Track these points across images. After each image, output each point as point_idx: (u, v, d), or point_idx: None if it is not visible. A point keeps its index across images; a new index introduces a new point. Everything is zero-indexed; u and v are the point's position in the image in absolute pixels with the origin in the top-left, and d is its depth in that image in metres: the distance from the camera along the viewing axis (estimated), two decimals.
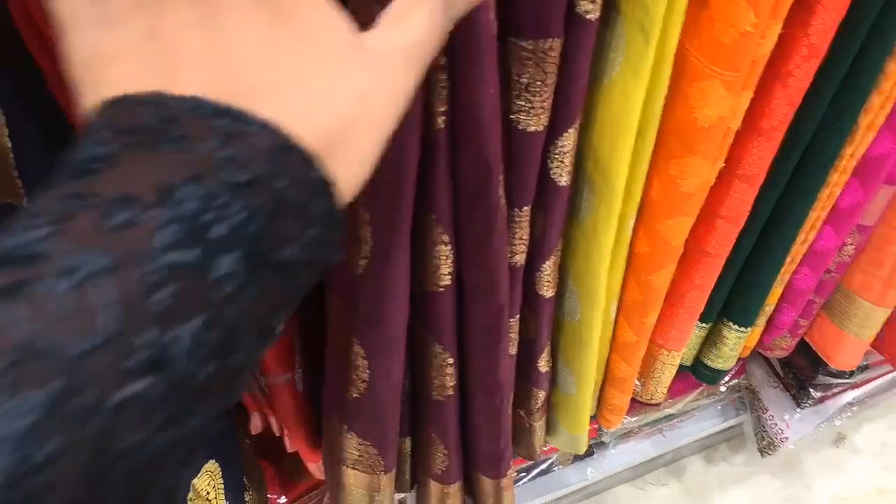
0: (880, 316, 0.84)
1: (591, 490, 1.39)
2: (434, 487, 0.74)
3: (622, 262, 0.62)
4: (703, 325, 0.80)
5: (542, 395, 0.73)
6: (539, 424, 0.78)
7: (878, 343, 0.89)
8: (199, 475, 0.64)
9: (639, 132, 0.49)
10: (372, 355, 0.55)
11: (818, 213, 0.72)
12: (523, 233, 0.53)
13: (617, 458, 1.30)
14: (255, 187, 0.22)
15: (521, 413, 0.77)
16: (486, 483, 0.73)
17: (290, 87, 0.25)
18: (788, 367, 1.15)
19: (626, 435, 1.26)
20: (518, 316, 0.61)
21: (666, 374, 0.80)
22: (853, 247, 0.80)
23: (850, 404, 1.22)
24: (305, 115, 0.24)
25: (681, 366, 0.87)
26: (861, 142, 0.65)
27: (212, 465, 0.66)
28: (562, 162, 0.50)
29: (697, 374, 0.88)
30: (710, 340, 0.83)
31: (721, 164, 0.56)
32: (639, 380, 0.83)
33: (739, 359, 1.16)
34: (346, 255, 0.49)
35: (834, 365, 0.91)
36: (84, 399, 0.18)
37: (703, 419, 1.35)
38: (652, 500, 1.41)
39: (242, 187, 0.22)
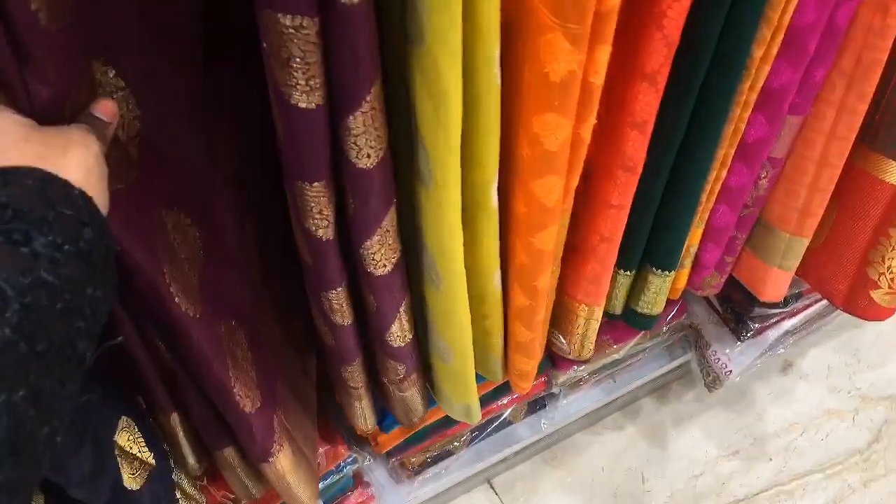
0: (801, 245, 0.84)
1: (547, 441, 1.40)
2: None
3: (492, 229, 0.60)
4: (627, 272, 0.80)
5: (400, 367, 0.74)
6: (409, 394, 0.79)
7: (801, 272, 0.90)
8: (118, 432, 0.65)
9: (479, 95, 0.48)
10: None
11: (726, 150, 0.71)
12: (321, 208, 0.53)
13: (569, 407, 1.31)
14: (32, 210, 0.34)
15: (386, 382, 0.78)
16: None
17: (44, 157, 0.38)
18: (726, 302, 1.16)
19: (576, 384, 1.27)
20: (339, 289, 0.63)
21: (590, 329, 0.80)
22: (767, 180, 0.80)
23: (790, 332, 1.24)
24: (62, 173, 0.38)
25: (613, 315, 0.87)
26: (757, 75, 0.65)
27: (125, 421, 0.66)
28: (355, 144, 0.49)
29: (630, 321, 0.89)
30: (637, 287, 0.83)
31: (593, 120, 0.55)
32: (564, 337, 0.83)
33: (672, 301, 1.17)
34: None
35: (763, 298, 0.92)
36: None
37: (652, 360, 1.36)
38: (609, 444, 1.43)
39: (22, 210, 0.34)
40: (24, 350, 0.31)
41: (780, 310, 1.10)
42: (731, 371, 1.20)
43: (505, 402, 1.16)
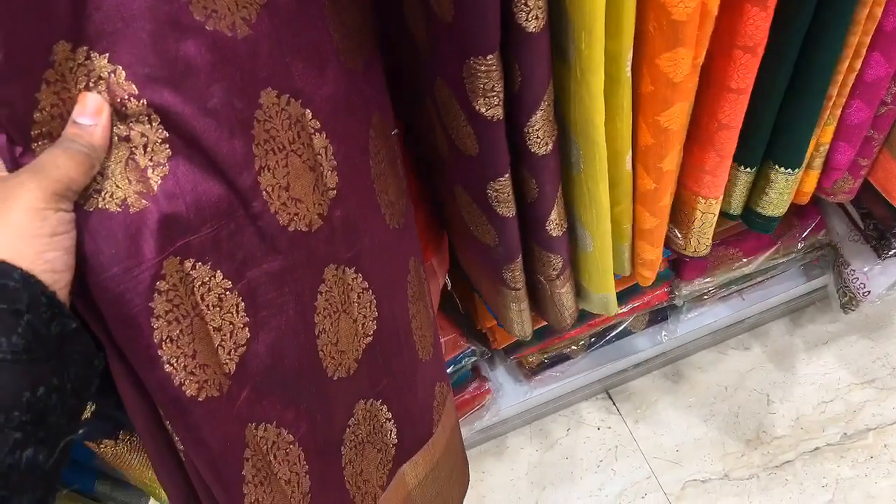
0: None
1: (669, 356, 1.40)
2: None
3: (626, 105, 0.60)
4: (748, 169, 0.78)
5: (558, 260, 0.74)
6: (562, 291, 0.79)
7: None
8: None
9: None
10: None
11: (860, 37, 0.68)
12: (493, 84, 0.53)
13: (693, 322, 1.30)
14: None
15: (541, 279, 0.78)
16: None
17: None
18: (869, 217, 1.10)
19: (700, 298, 1.26)
20: (506, 176, 0.62)
21: (706, 224, 0.79)
22: None
23: None
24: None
25: (732, 215, 0.86)
26: None
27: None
28: (526, 5, 0.48)
29: (749, 222, 0.87)
30: (758, 186, 0.81)
31: None
32: (680, 232, 0.82)
33: (808, 213, 1.12)
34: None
35: None
36: None
37: (785, 280, 1.32)
38: (733, 363, 1.41)
39: None
40: None
41: None
42: (869, 292, 1.14)
43: (625, 309, 1.17)
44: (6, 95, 0.35)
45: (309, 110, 0.50)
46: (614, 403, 1.40)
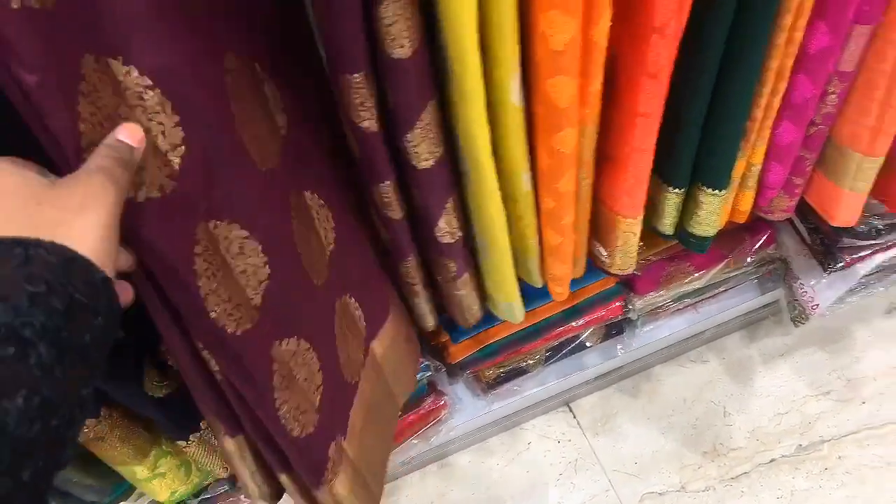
0: (873, 165, 0.80)
1: (628, 369, 1.42)
2: None
3: (515, 127, 0.62)
4: (677, 190, 0.79)
5: (453, 265, 0.77)
6: (462, 294, 0.83)
7: (878, 192, 0.85)
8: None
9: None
10: None
11: (780, 60, 0.69)
12: (362, 99, 0.57)
13: (648, 335, 1.31)
14: (49, 294, 0.33)
15: (440, 280, 0.82)
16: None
17: (60, 223, 0.36)
18: (815, 232, 1.12)
19: (654, 312, 1.27)
20: (388, 182, 0.67)
21: (629, 243, 0.81)
22: (836, 95, 0.76)
23: (887, 268, 1.17)
24: (79, 238, 0.36)
25: (665, 235, 0.87)
26: None
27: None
28: (389, 33, 0.52)
29: (684, 242, 0.88)
30: (689, 206, 0.82)
31: (606, 23, 0.55)
32: (605, 250, 0.84)
33: (758, 229, 1.14)
34: None
35: (834, 222, 0.88)
36: None
37: (740, 293, 1.33)
38: (691, 375, 1.43)
39: (40, 296, 0.32)
40: (10, 487, 0.30)
41: (871, 241, 1.05)
42: (817, 305, 1.16)
43: (579, 323, 1.18)
44: (52, 109, 0.39)
45: (257, 64, 0.57)
46: (574, 416, 1.41)
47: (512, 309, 0.85)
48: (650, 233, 0.87)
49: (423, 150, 0.63)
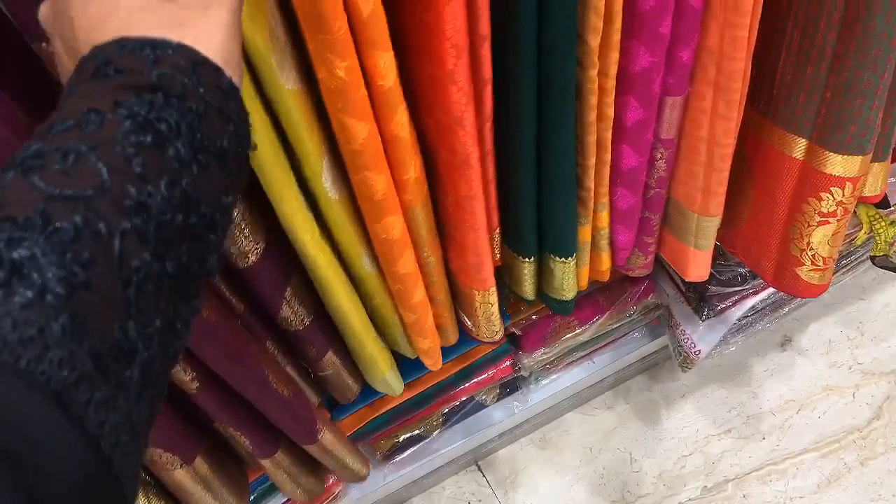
0: (710, 224, 0.83)
1: (535, 422, 1.42)
2: None
3: (338, 217, 0.63)
4: (527, 259, 0.81)
5: (310, 348, 0.77)
6: (330, 373, 0.83)
7: (734, 248, 0.88)
8: None
9: (274, 99, 0.51)
10: None
11: (598, 135, 0.71)
12: None
13: (547, 389, 1.32)
14: (183, 96, 0.31)
15: (304, 364, 0.82)
16: None
17: (184, 22, 0.33)
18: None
19: (547, 368, 1.27)
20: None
21: (490, 313, 0.82)
22: (664, 161, 0.79)
23: (764, 309, 1.20)
24: (205, 39, 0.33)
25: (528, 300, 0.88)
26: (605, 62, 0.64)
27: None
28: None
29: (548, 305, 0.89)
30: (543, 273, 0.84)
31: (403, 118, 0.56)
32: (469, 320, 0.84)
33: (637, 280, 1.16)
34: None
35: (687, 278, 0.90)
36: (98, 228, 0.27)
37: (633, 341, 1.35)
38: (597, 423, 1.43)
39: (172, 97, 0.31)
40: (159, 272, 0.29)
41: (738, 288, 1.08)
42: (699, 350, 1.18)
43: (468, 385, 1.18)
44: None
45: None
46: (484, 475, 1.41)
47: (387, 382, 0.85)
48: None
49: (246, 248, 0.62)
